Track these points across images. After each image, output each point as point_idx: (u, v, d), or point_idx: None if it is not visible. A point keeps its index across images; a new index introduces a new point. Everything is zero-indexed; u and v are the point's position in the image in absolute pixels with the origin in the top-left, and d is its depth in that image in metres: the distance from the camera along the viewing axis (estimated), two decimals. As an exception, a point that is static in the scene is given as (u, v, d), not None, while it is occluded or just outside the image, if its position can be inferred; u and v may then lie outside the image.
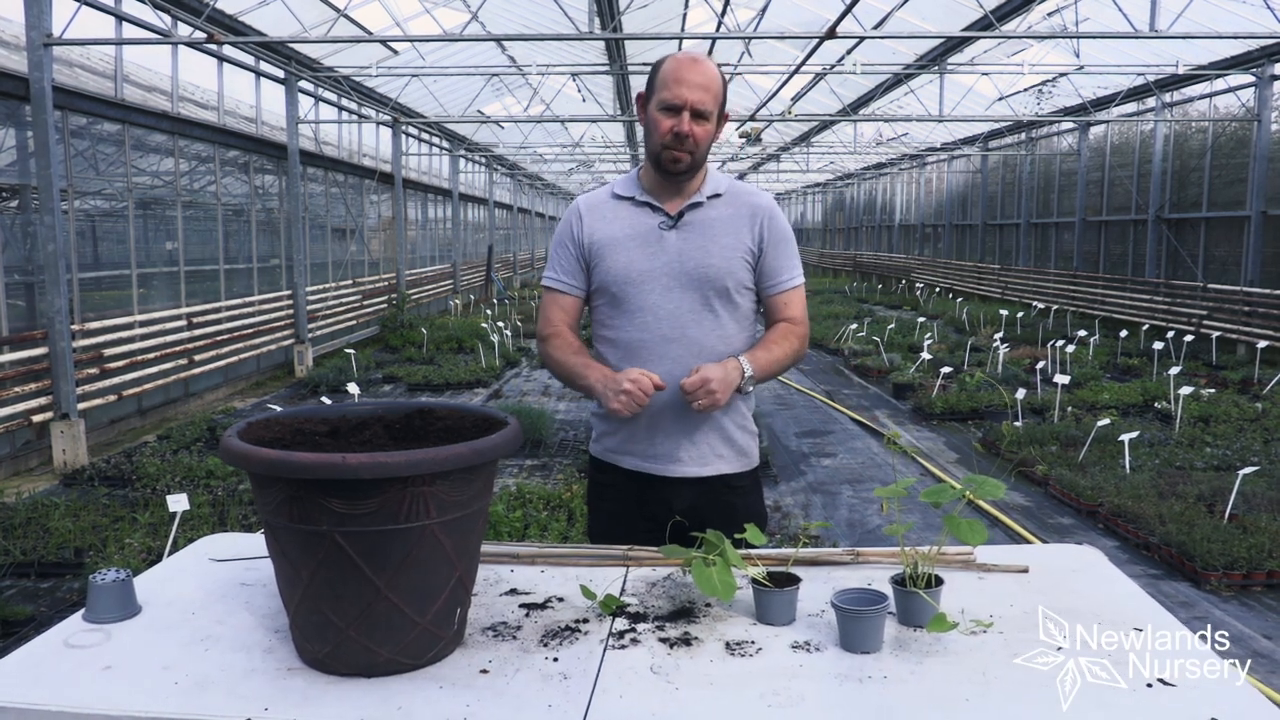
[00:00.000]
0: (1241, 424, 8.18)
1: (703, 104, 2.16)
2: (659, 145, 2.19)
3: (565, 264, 2.32)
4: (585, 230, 2.29)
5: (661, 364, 2.21)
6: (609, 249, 2.25)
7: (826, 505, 6.48)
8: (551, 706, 1.45)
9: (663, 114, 2.18)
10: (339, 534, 1.47)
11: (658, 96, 2.19)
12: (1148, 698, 1.47)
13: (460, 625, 1.65)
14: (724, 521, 1.98)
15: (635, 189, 2.30)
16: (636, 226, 2.26)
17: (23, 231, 8.02)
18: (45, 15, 7.59)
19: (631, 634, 1.70)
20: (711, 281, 2.24)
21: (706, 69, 2.18)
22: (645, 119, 2.24)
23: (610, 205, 2.31)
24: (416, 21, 13.25)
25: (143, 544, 5.09)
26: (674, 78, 2.16)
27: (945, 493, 1.69)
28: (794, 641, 1.66)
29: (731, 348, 2.26)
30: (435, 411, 1.81)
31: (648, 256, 2.24)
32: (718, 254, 2.24)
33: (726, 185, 2.32)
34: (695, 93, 2.15)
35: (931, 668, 1.57)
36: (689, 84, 2.15)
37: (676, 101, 2.15)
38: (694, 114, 2.16)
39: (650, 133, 2.22)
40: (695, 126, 2.16)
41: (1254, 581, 4.82)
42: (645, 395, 2.08)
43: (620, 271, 2.24)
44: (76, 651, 1.62)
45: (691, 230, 2.25)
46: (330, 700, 1.47)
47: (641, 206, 2.28)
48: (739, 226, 2.28)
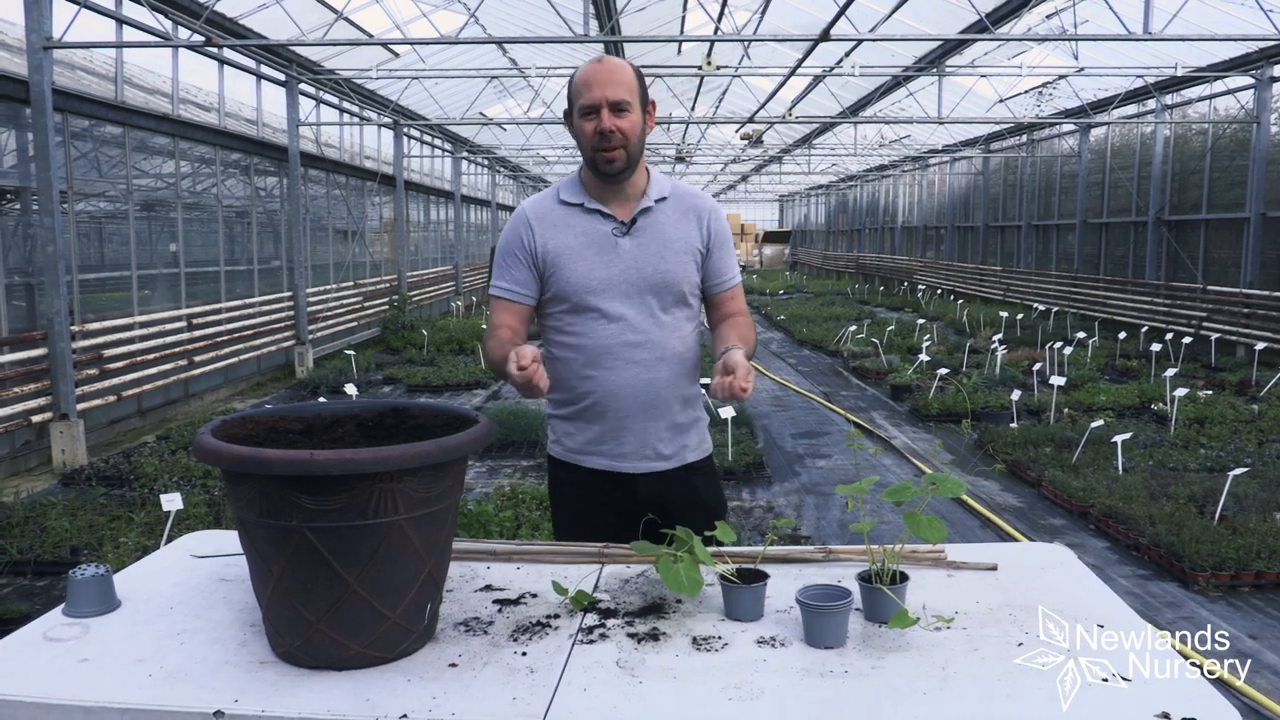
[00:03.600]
0: (1237, 425, 8.18)
1: (617, 96, 2.19)
2: (590, 151, 2.23)
3: (516, 273, 2.32)
4: (538, 239, 2.29)
5: (628, 368, 2.27)
6: (564, 258, 2.27)
7: (819, 506, 6.50)
8: (516, 699, 1.48)
9: (584, 120, 2.21)
10: (308, 530, 1.50)
11: (576, 106, 2.23)
12: (1102, 691, 1.49)
13: (432, 620, 1.68)
14: (687, 505, 2.02)
15: (581, 195, 2.31)
16: (590, 235, 2.28)
17: (23, 233, 8.07)
18: (45, 18, 7.64)
19: (601, 629, 1.73)
20: (669, 287, 2.29)
21: (612, 64, 2.22)
22: (573, 133, 2.27)
23: (560, 212, 2.31)
24: (416, 25, 13.30)
25: (137, 543, 5.12)
26: (583, 83, 2.21)
27: (907, 491, 1.72)
28: (760, 637, 1.69)
29: (688, 346, 2.34)
30: (409, 410, 1.84)
31: (605, 264, 2.27)
32: (673, 259, 2.29)
33: (670, 187, 2.36)
34: (606, 89, 2.18)
35: (892, 662, 1.59)
36: (598, 82, 2.19)
37: (591, 103, 2.19)
38: (612, 108, 2.19)
39: (580, 142, 2.25)
40: (617, 120, 2.19)
41: (1241, 582, 4.83)
42: (521, 384, 2.01)
43: (579, 281, 2.26)
44: (54, 644, 1.65)
45: (645, 236, 2.29)
46: (300, 692, 1.50)
47: (592, 214, 2.30)
48: (688, 230, 2.32)
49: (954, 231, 25.90)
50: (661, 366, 2.29)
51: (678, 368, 2.32)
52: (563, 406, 2.37)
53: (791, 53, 14.82)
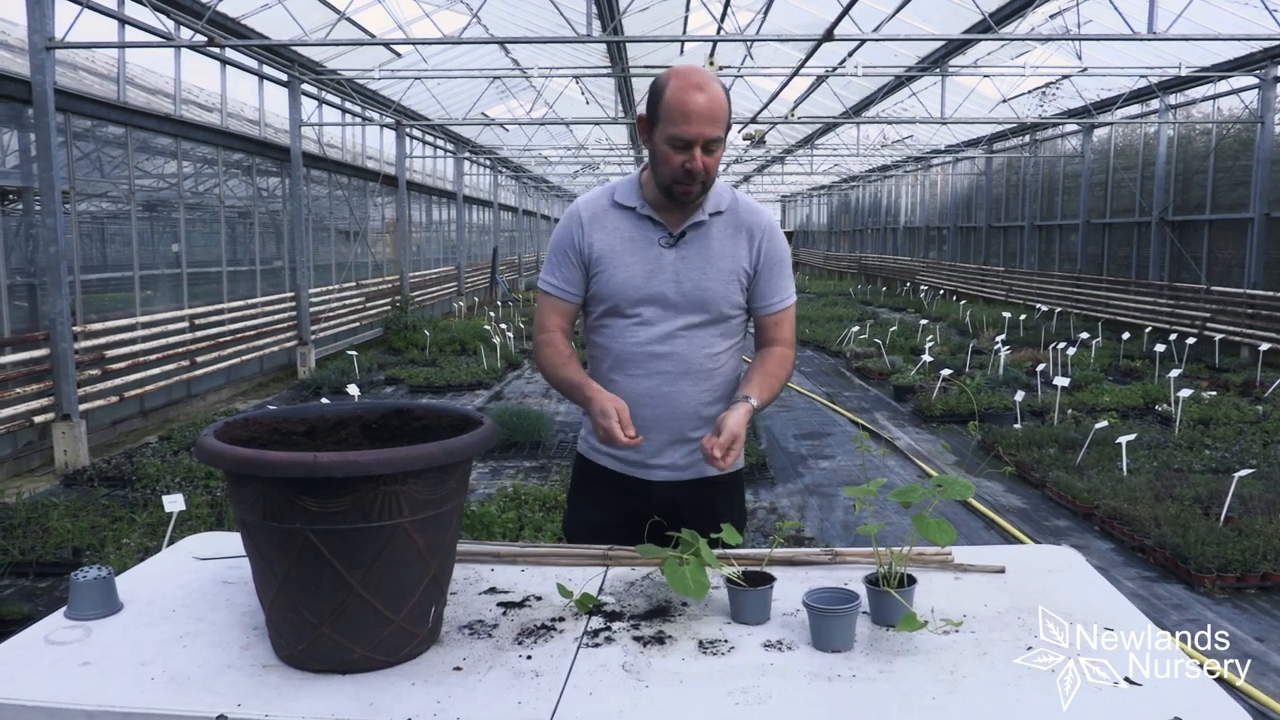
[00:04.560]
0: (1241, 426, 8.16)
1: (715, 134, 2.08)
2: (669, 179, 2.13)
3: (565, 271, 2.28)
4: (587, 238, 2.25)
5: (649, 377, 2.25)
6: (608, 260, 2.24)
7: (823, 507, 6.48)
8: (521, 703, 1.46)
9: (673, 149, 2.09)
10: (312, 532, 1.49)
11: (666, 131, 2.09)
12: (1113, 696, 1.48)
13: (436, 623, 1.67)
14: (700, 517, 2.00)
15: (636, 199, 2.25)
16: (637, 240, 2.24)
17: (26, 233, 8.06)
18: (48, 19, 7.64)
19: (606, 632, 1.72)
20: (706, 305, 2.24)
21: (713, 95, 2.07)
22: (651, 145, 2.15)
23: (611, 214, 2.27)
24: (418, 25, 13.29)
25: (139, 544, 5.12)
26: (680, 112, 2.06)
27: (914, 493, 1.71)
28: (767, 640, 1.68)
29: (719, 364, 2.28)
30: (412, 411, 1.83)
31: (646, 272, 2.23)
32: (715, 277, 2.24)
33: (729, 201, 2.28)
34: (705, 127, 2.06)
35: (900, 666, 1.58)
36: (698, 117, 2.05)
37: (688, 137, 2.07)
38: (705, 147, 2.08)
39: (659, 164, 2.14)
40: (707, 158, 2.09)
41: (1247, 584, 4.81)
42: (615, 439, 2.06)
43: (619, 285, 2.23)
44: (56, 648, 1.64)
45: (690, 250, 2.24)
46: (304, 696, 1.49)
47: (643, 220, 2.25)
48: (737, 248, 2.26)
49: (956, 232, 25.87)
50: (684, 381, 2.25)
51: (703, 384, 2.27)
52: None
53: (794, 53, 14.81)
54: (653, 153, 2.16)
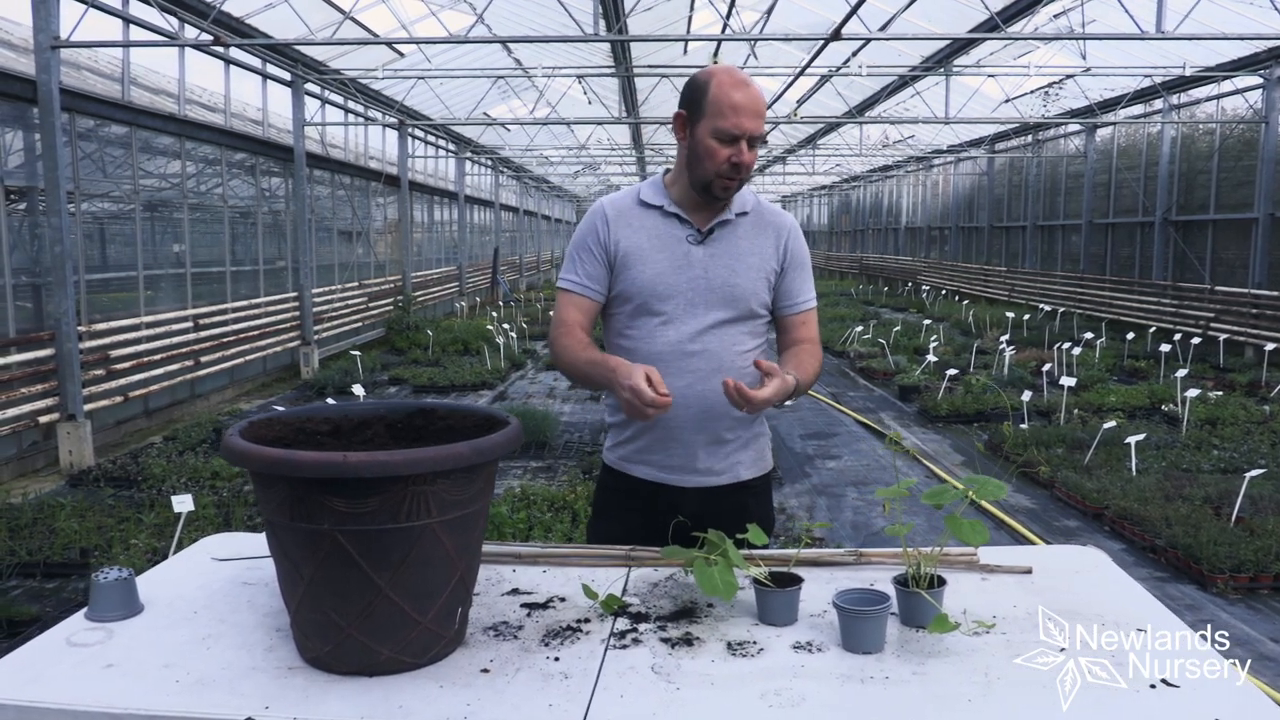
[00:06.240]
0: (1249, 427, 8.14)
1: (760, 130, 2.12)
2: (713, 173, 2.13)
3: (588, 268, 2.25)
4: (612, 235, 2.23)
5: (681, 377, 2.19)
6: (635, 258, 2.21)
7: (831, 507, 6.47)
8: (552, 706, 1.45)
9: (719, 143, 2.10)
10: (340, 533, 1.47)
11: (713, 124, 2.10)
12: (1151, 698, 1.46)
13: (462, 624, 1.65)
14: (734, 523, 1.97)
15: (663, 198, 2.24)
16: (664, 238, 2.22)
17: (30, 233, 8.05)
18: (52, 18, 7.62)
19: (633, 634, 1.70)
20: (735, 301, 2.22)
21: (757, 93, 2.12)
22: (691, 141, 2.14)
23: (637, 212, 2.25)
24: (422, 24, 13.28)
25: (147, 544, 5.10)
26: (730, 105, 2.08)
27: (947, 494, 1.69)
28: (796, 642, 1.66)
29: (747, 363, 2.24)
30: (437, 411, 1.81)
31: (675, 270, 2.20)
32: (744, 274, 2.22)
33: (753, 203, 2.29)
34: (754, 121, 2.09)
35: (933, 668, 1.56)
36: (748, 112, 2.08)
37: (737, 131, 2.08)
38: (750, 142, 2.11)
39: (701, 158, 2.13)
40: (751, 154, 2.13)
41: (1261, 584, 4.80)
42: (644, 406, 1.94)
43: (647, 283, 2.20)
44: (78, 650, 1.62)
45: (718, 247, 2.22)
46: (331, 699, 1.47)
47: (670, 218, 2.23)
48: (764, 246, 2.26)
49: (958, 232, 25.86)
50: (717, 379, 2.17)
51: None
52: (617, 412, 2.32)
53: (797, 52, 14.79)
54: (693, 149, 2.15)
